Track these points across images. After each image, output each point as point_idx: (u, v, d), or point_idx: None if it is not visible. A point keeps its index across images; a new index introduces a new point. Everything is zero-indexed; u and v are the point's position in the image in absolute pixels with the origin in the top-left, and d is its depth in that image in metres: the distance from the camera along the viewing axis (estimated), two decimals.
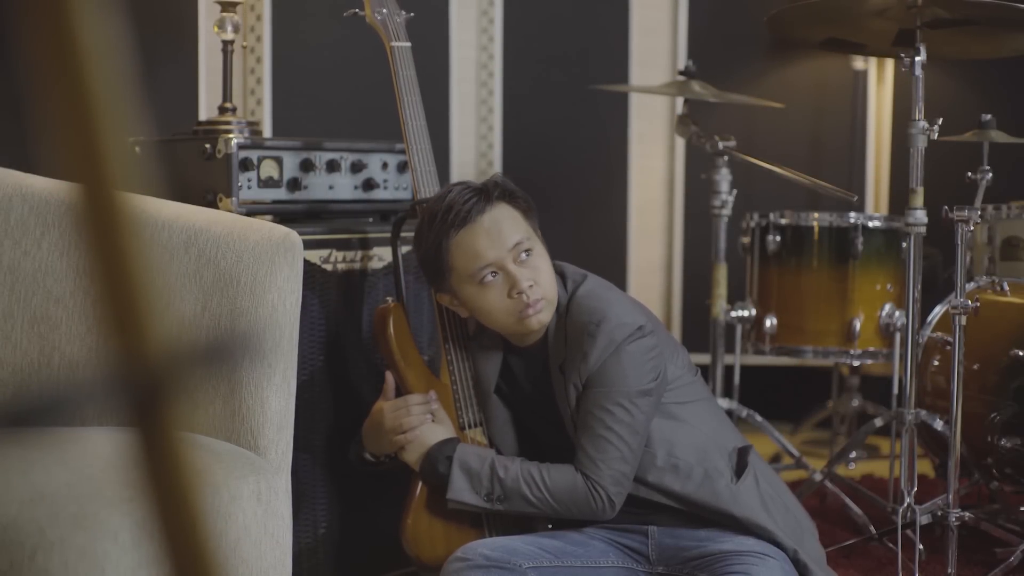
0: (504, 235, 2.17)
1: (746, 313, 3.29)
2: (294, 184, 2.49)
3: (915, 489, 2.63)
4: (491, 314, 2.20)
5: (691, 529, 2.24)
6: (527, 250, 2.18)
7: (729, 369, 3.40)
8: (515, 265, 2.16)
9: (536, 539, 2.22)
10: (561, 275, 2.26)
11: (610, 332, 2.15)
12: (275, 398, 1.95)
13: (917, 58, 2.62)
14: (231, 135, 2.42)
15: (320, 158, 2.53)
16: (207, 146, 2.42)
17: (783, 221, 3.23)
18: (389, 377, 2.34)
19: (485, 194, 2.19)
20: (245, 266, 1.97)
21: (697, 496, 2.21)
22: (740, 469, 2.24)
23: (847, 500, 3.05)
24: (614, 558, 2.25)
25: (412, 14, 2.50)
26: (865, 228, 3.15)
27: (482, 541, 2.20)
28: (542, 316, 2.19)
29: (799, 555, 2.20)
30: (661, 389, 2.22)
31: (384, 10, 2.45)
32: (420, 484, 2.30)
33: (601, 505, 2.16)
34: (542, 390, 2.28)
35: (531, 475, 2.20)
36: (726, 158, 3.32)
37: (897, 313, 3.13)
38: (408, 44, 2.44)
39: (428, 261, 2.22)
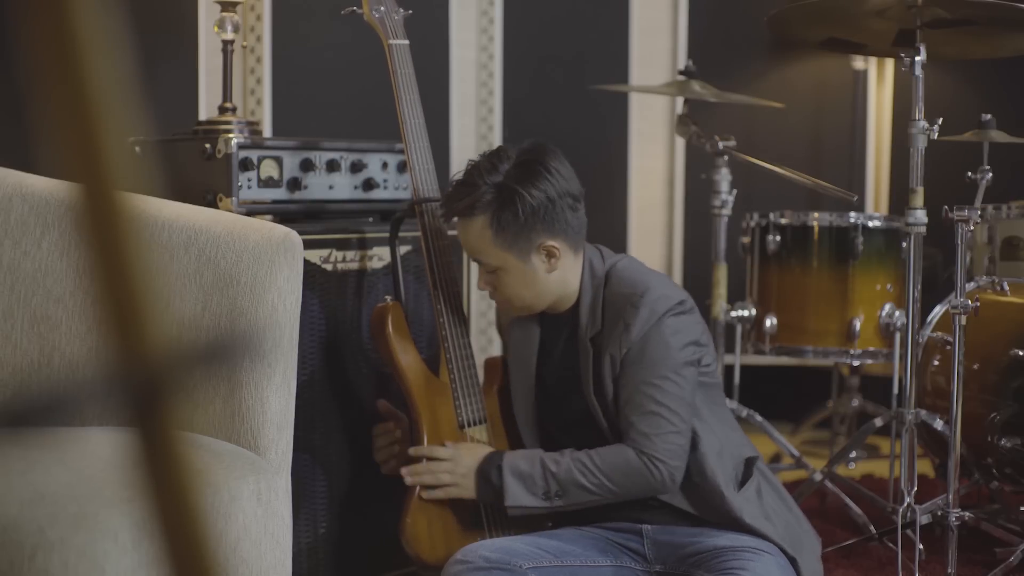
0: (468, 246, 2.26)
1: (746, 313, 3.29)
2: (294, 184, 2.49)
3: (915, 489, 2.63)
4: None
5: (684, 527, 2.24)
6: (490, 269, 2.22)
7: (729, 369, 3.39)
8: (481, 267, 2.25)
9: (535, 539, 2.22)
10: (598, 249, 2.30)
11: (652, 303, 2.16)
12: (275, 398, 1.95)
13: (917, 58, 2.62)
14: (231, 135, 2.42)
15: (320, 158, 2.53)
16: (207, 146, 2.42)
17: (783, 221, 3.23)
18: (383, 405, 2.37)
19: (467, 202, 2.19)
20: (245, 266, 1.97)
21: (699, 496, 2.21)
22: (744, 479, 2.25)
23: (847, 500, 3.05)
24: (613, 557, 2.25)
25: (410, 12, 2.50)
26: (865, 228, 3.15)
27: (481, 543, 2.20)
28: (511, 311, 2.29)
29: (797, 565, 2.21)
30: (698, 364, 2.23)
31: (382, 8, 2.44)
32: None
33: (661, 479, 2.15)
34: (567, 357, 2.28)
35: (583, 463, 2.18)
36: (726, 158, 3.31)
37: (897, 313, 3.13)
38: (406, 42, 2.43)
39: None
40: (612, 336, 2.18)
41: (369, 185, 2.61)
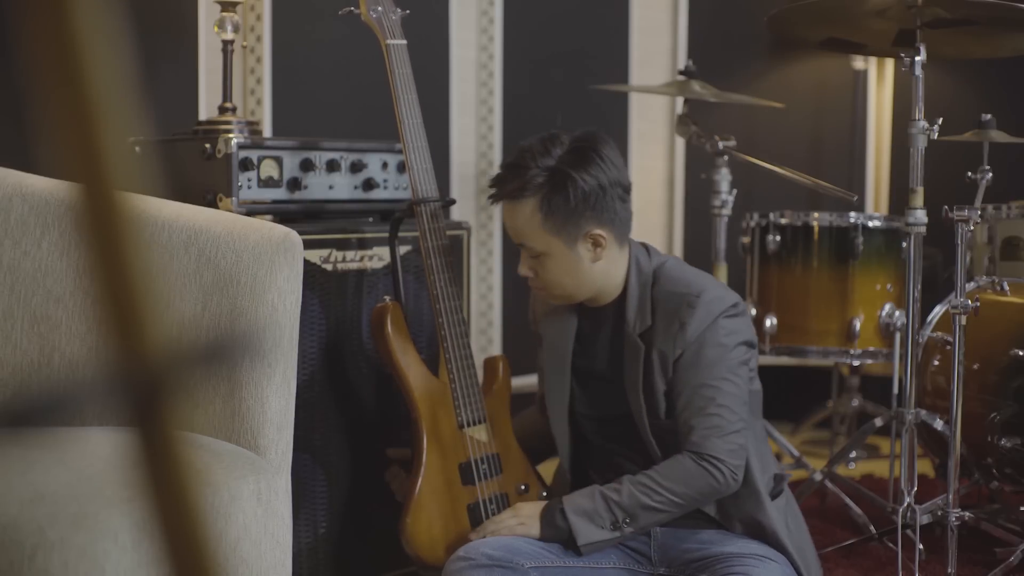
0: (514, 229, 2.25)
1: None
2: (294, 184, 2.49)
3: (915, 489, 2.63)
4: None
5: (695, 531, 2.24)
6: (534, 254, 2.21)
7: None
8: (524, 252, 2.24)
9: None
10: (644, 247, 2.31)
11: (708, 304, 2.17)
12: (275, 398, 1.95)
13: (917, 58, 2.62)
14: (231, 135, 2.42)
15: (320, 158, 2.53)
16: (207, 146, 2.42)
17: (783, 221, 3.23)
18: (392, 452, 2.39)
19: (517, 184, 2.19)
20: (245, 266, 1.97)
21: (732, 500, 2.22)
22: (776, 493, 2.26)
23: (847, 500, 3.05)
24: (616, 559, 2.25)
25: (408, 11, 2.50)
26: (865, 228, 3.15)
27: (484, 540, 2.19)
28: (551, 299, 2.27)
29: None
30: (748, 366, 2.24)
31: (379, 8, 2.44)
32: (420, 484, 2.30)
33: (724, 480, 2.15)
34: (609, 352, 2.28)
35: (644, 484, 2.17)
36: (726, 158, 3.32)
37: (897, 313, 3.13)
38: (404, 42, 2.43)
39: None
40: (666, 335, 2.18)
41: (369, 185, 2.61)
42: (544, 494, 2.46)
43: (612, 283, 2.26)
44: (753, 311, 3.28)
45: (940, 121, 2.64)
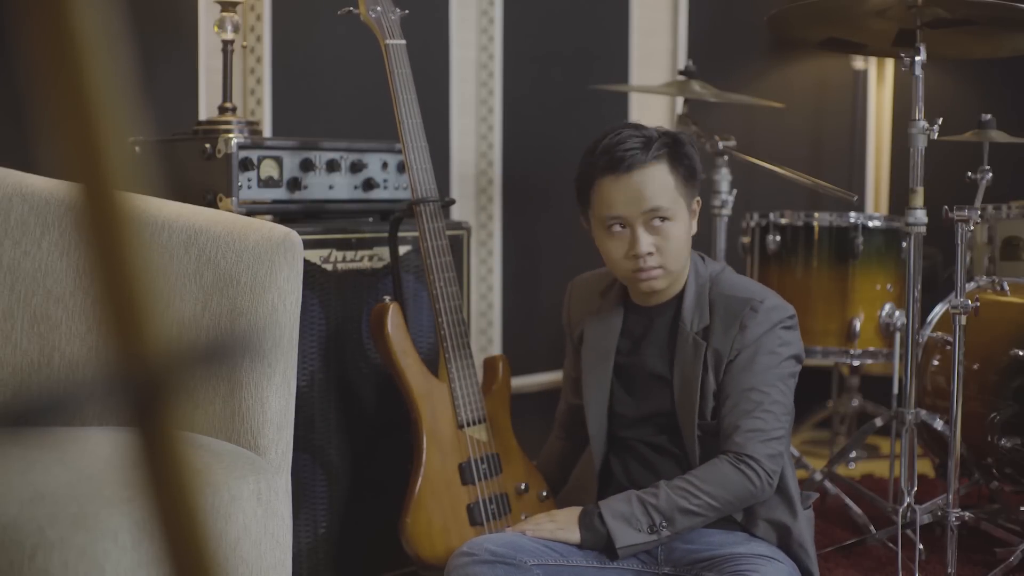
0: (645, 197, 2.21)
1: None
2: (294, 184, 2.49)
3: (915, 489, 2.63)
4: (610, 261, 2.27)
5: (700, 531, 2.24)
6: (664, 217, 2.21)
7: None
8: (643, 228, 2.21)
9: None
10: (700, 255, 2.32)
11: (770, 311, 2.22)
12: (275, 398, 1.95)
13: (917, 58, 2.62)
14: (231, 135, 2.42)
15: (320, 158, 2.53)
16: (207, 146, 2.42)
17: (783, 221, 3.23)
18: None
19: (646, 148, 2.21)
20: (245, 266, 1.97)
21: (765, 504, 2.23)
22: (806, 503, 2.30)
23: (847, 500, 3.05)
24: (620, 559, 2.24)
25: (407, 11, 2.50)
26: (865, 228, 3.15)
27: (487, 536, 2.19)
28: (655, 283, 2.24)
29: None
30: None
31: (378, 8, 2.44)
32: (419, 483, 2.30)
33: (760, 484, 2.16)
34: (663, 349, 2.28)
35: (682, 488, 2.18)
36: (726, 158, 3.32)
37: (897, 313, 3.13)
38: (403, 42, 2.43)
39: (579, 186, 2.30)
40: (724, 335, 2.21)
41: (369, 185, 2.61)
42: (544, 494, 2.46)
43: (684, 272, 2.28)
44: None
45: (940, 121, 2.64)
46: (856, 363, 3.50)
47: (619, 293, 2.36)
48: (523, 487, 2.44)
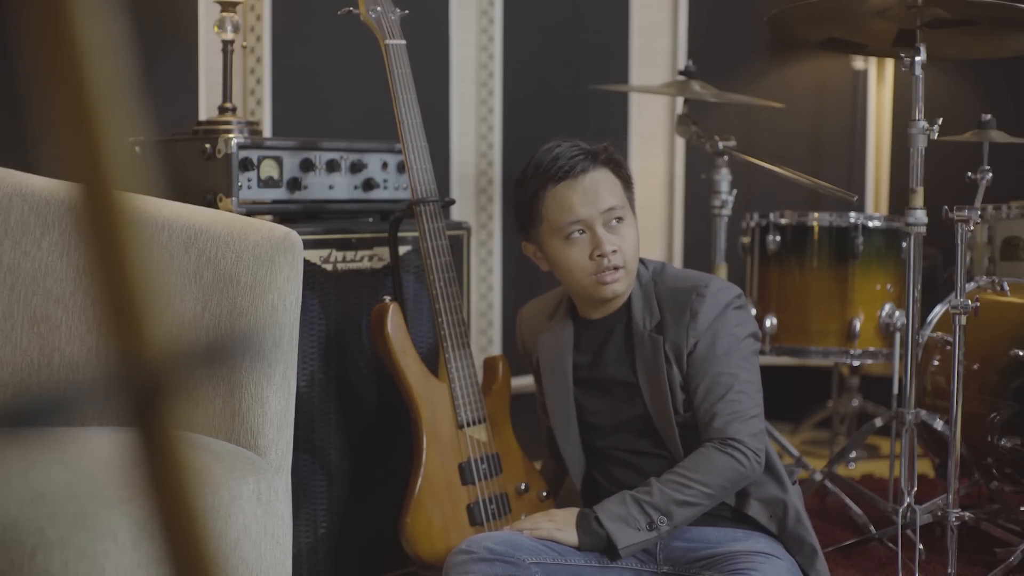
0: (600, 197, 2.25)
1: None
2: (294, 184, 2.49)
3: (915, 489, 2.63)
4: (570, 271, 2.26)
5: (699, 528, 2.24)
6: (618, 218, 2.26)
7: None
8: (603, 228, 2.24)
9: None
10: (641, 260, 2.34)
11: (716, 293, 2.24)
12: (275, 398, 1.95)
13: (917, 58, 2.62)
14: (231, 135, 2.42)
15: (320, 158, 2.53)
16: (207, 146, 2.42)
17: (783, 221, 3.23)
18: None
19: (592, 155, 2.27)
20: (245, 266, 1.97)
21: (755, 486, 2.24)
22: (792, 478, 2.32)
23: (847, 500, 3.05)
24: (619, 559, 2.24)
25: (407, 12, 2.49)
26: (865, 228, 3.15)
27: (486, 534, 2.19)
28: (618, 286, 2.25)
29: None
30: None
31: (378, 8, 2.44)
32: (419, 483, 2.30)
33: (749, 464, 2.18)
34: (622, 354, 2.30)
35: (673, 481, 2.19)
36: (726, 158, 3.32)
37: (897, 313, 3.13)
38: (403, 42, 2.43)
39: (522, 207, 2.31)
40: (677, 326, 2.23)
41: (369, 185, 2.61)
42: (544, 494, 2.46)
43: (635, 276, 2.31)
44: (753, 311, 3.28)
45: (940, 121, 2.64)
46: (856, 363, 3.51)
47: (566, 311, 2.38)
48: (523, 487, 2.44)
